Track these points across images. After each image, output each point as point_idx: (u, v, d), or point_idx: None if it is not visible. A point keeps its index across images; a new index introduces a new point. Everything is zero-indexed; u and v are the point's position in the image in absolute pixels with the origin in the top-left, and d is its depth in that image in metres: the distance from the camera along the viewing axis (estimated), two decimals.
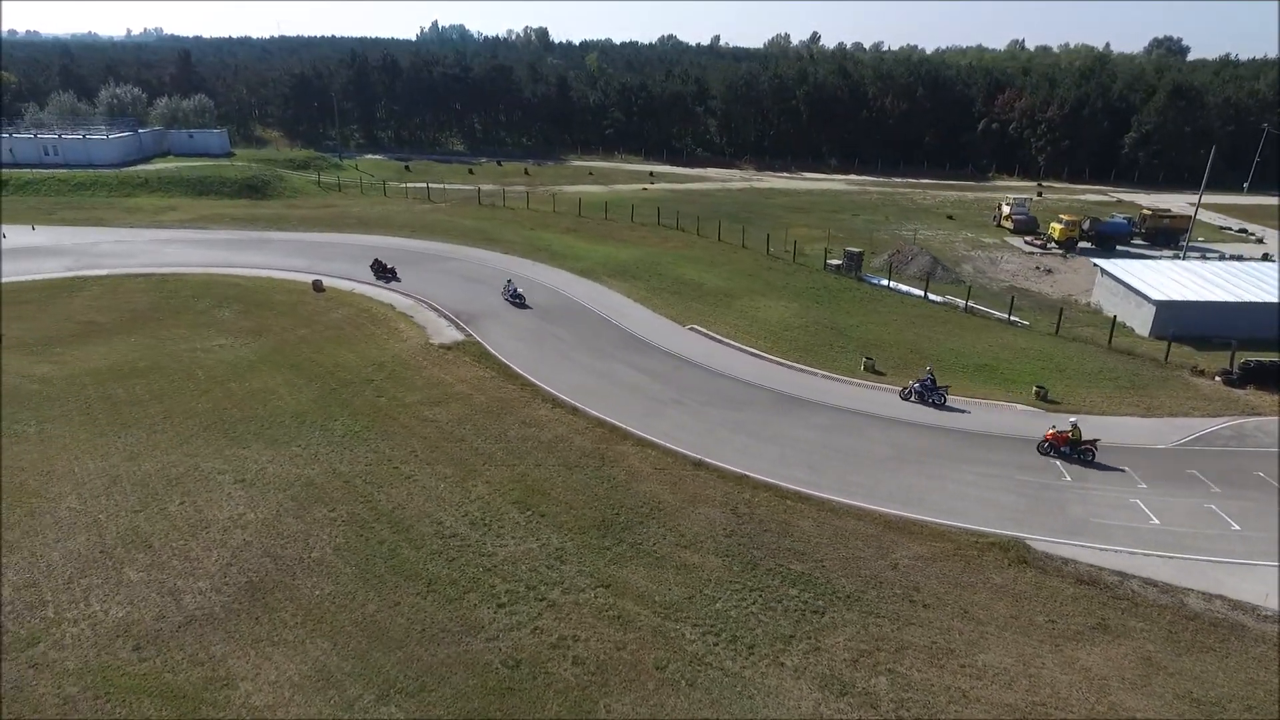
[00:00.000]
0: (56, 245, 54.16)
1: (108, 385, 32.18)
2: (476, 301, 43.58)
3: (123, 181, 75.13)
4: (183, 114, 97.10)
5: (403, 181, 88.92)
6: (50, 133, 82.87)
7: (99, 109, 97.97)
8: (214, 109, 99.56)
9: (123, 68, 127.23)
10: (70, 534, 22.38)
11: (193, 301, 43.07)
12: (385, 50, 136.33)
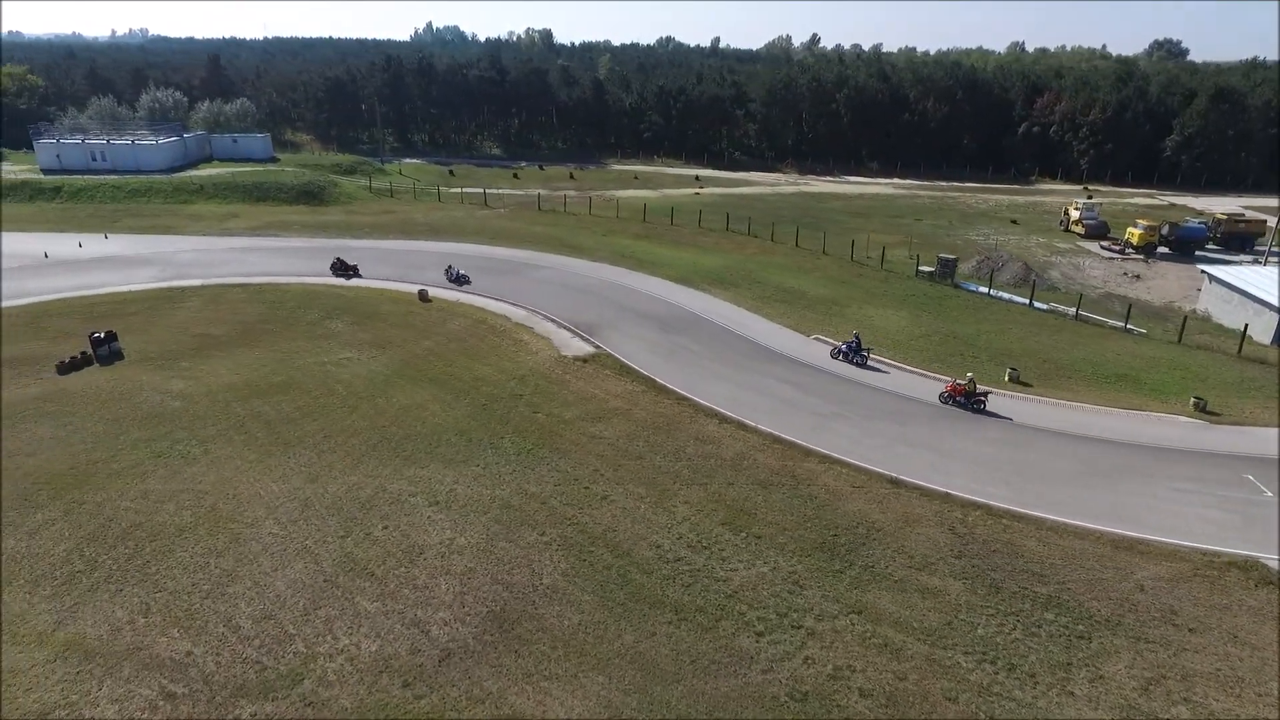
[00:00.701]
0: (137, 254, 53.25)
1: (251, 402, 31.40)
2: (587, 311, 42.96)
3: (177, 188, 74.13)
4: (225, 118, 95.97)
5: (449, 186, 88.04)
6: (98, 138, 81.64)
7: (139, 113, 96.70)
8: (255, 113, 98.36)
9: (151, 70, 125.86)
10: (285, 561, 21.68)
11: (300, 312, 42.26)
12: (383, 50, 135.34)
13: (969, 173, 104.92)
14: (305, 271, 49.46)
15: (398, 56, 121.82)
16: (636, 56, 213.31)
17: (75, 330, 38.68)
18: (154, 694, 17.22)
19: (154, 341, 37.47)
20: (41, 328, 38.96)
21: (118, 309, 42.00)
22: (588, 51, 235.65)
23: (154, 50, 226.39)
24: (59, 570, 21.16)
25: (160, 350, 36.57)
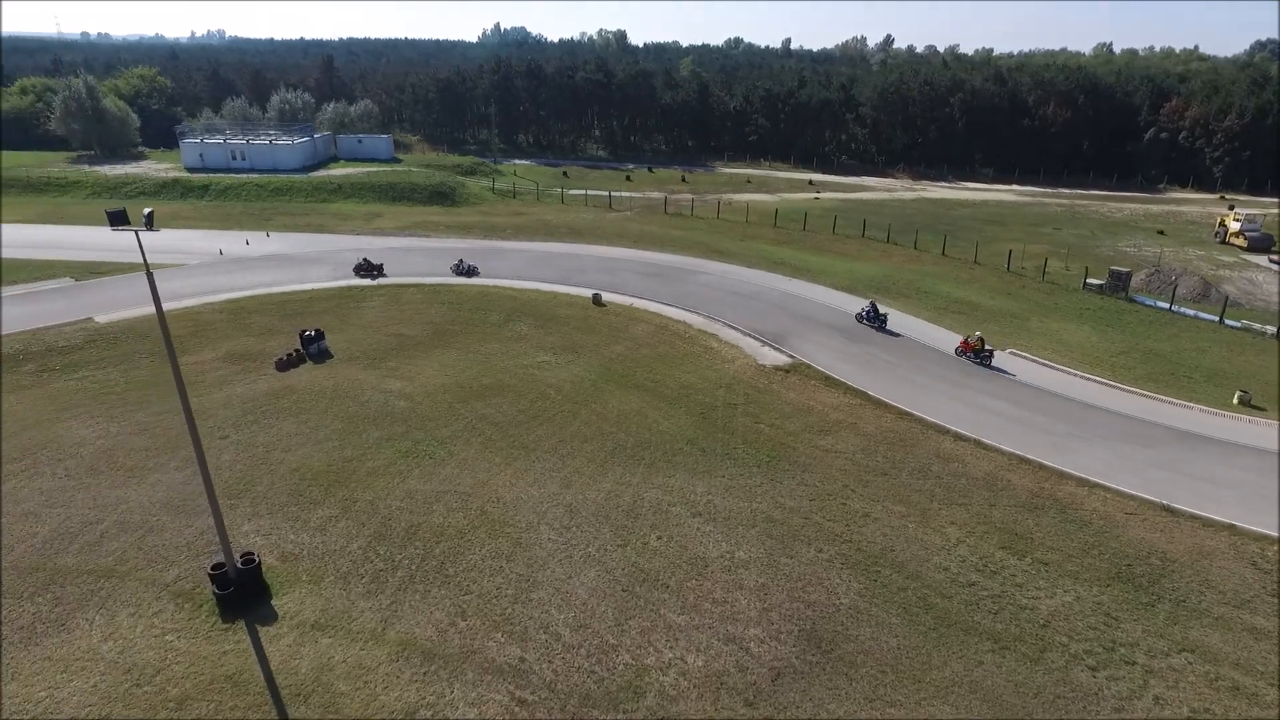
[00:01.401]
0: (303, 252, 54.74)
1: (471, 404, 31.81)
2: (764, 319, 42.55)
3: (316, 187, 76.25)
4: (348, 119, 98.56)
5: (565, 188, 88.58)
6: (238, 138, 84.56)
7: (269, 114, 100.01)
8: (378, 114, 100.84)
9: (269, 72, 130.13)
10: (576, 569, 21.76)
11: (480, 314, 42.81)
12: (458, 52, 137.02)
13: (1092, 180, 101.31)
14: None
15: (507, 59, 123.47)
16: (715, 58, 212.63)
17: (276, 327, 39.92)
18: (506, 699, 17.37)
19: (354, 340, 38.31)
20: (245, 324, 40.24)
21: (306, 306, 43.16)
22: (663, 53, 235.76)
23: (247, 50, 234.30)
24: (363, 568, 21.60)
25: (364, 349, 37.37)
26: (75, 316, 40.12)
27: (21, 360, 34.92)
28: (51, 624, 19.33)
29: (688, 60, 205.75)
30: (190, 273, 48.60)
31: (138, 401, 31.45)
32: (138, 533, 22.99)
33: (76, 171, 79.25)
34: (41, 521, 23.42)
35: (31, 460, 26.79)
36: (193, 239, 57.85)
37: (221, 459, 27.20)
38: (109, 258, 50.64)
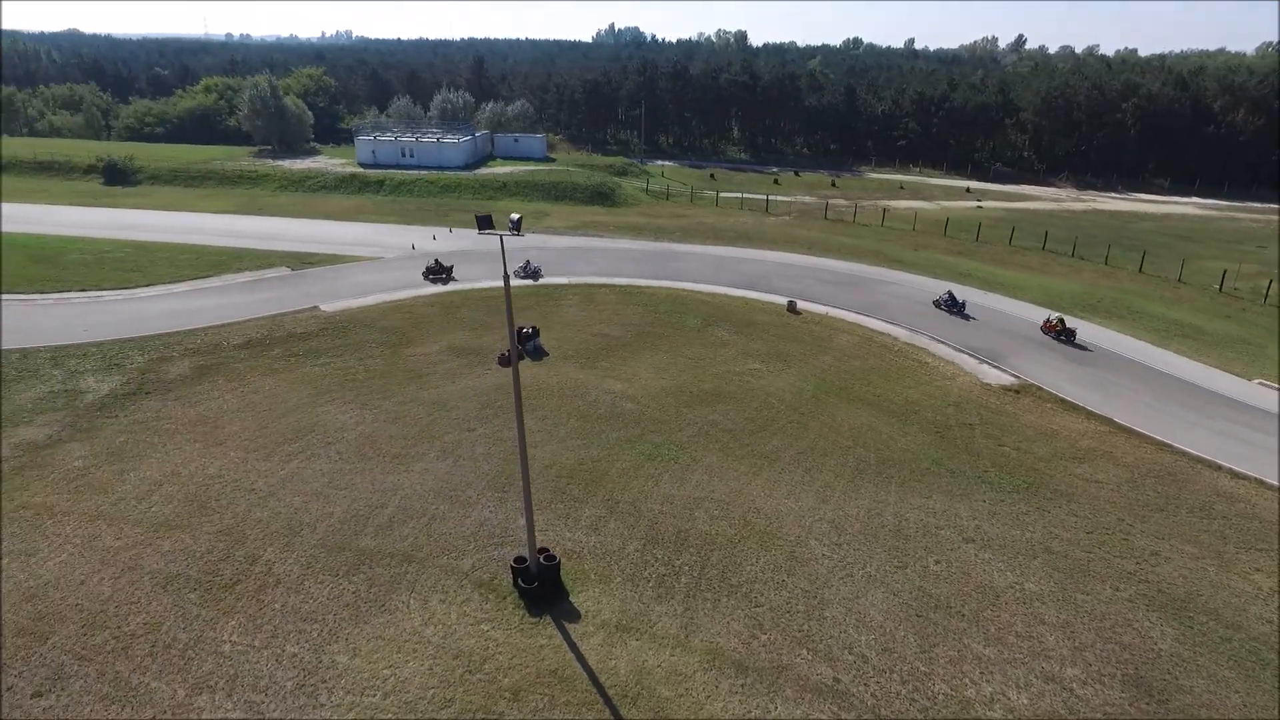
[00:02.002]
0: (488, 250, 56.30)
1: (696, 409, 31.83)
2: (972, 335, 40.94)
3: (483, 184, 78.71)
4: (505, 119, 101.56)
5: (714, 190, 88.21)
6: (408, 136, 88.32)
7: (431, 113, 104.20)
8: (533, 114, 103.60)
9: (424, 71, 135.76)
10: (860, 588, 21.32)
11: (676, 317, 42.93)
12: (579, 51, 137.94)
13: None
14: (647, 274, 50.52)
15: (653, 60, 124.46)
16: (840, 59, 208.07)
17: (485, 322, 41.17)
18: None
19: (563, 339, 39.05)
20: (456, 318, 41.69)
21: (494, 303, 44.20)
22: (783, 53, 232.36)
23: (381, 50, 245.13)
24: (645, 571, 21.81)
25: (574, 349, 38.05)
26: (302, 305, 42.54)
27: (268, 344, 37.25)
28: (372, 604, 20.31)
29: (815, 61, 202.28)
30: (390, 266, 50.83)
31: (380, 390, 32.96)
32: (421, 519, 23.96)
33: (265, 165, 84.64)
34: (332, 502, 24.76)
35: (305, 442, 28.42)
36: (381, 233, 60.66)
37: (475, 451, 28.18)
38: (309, 249, 53.77)
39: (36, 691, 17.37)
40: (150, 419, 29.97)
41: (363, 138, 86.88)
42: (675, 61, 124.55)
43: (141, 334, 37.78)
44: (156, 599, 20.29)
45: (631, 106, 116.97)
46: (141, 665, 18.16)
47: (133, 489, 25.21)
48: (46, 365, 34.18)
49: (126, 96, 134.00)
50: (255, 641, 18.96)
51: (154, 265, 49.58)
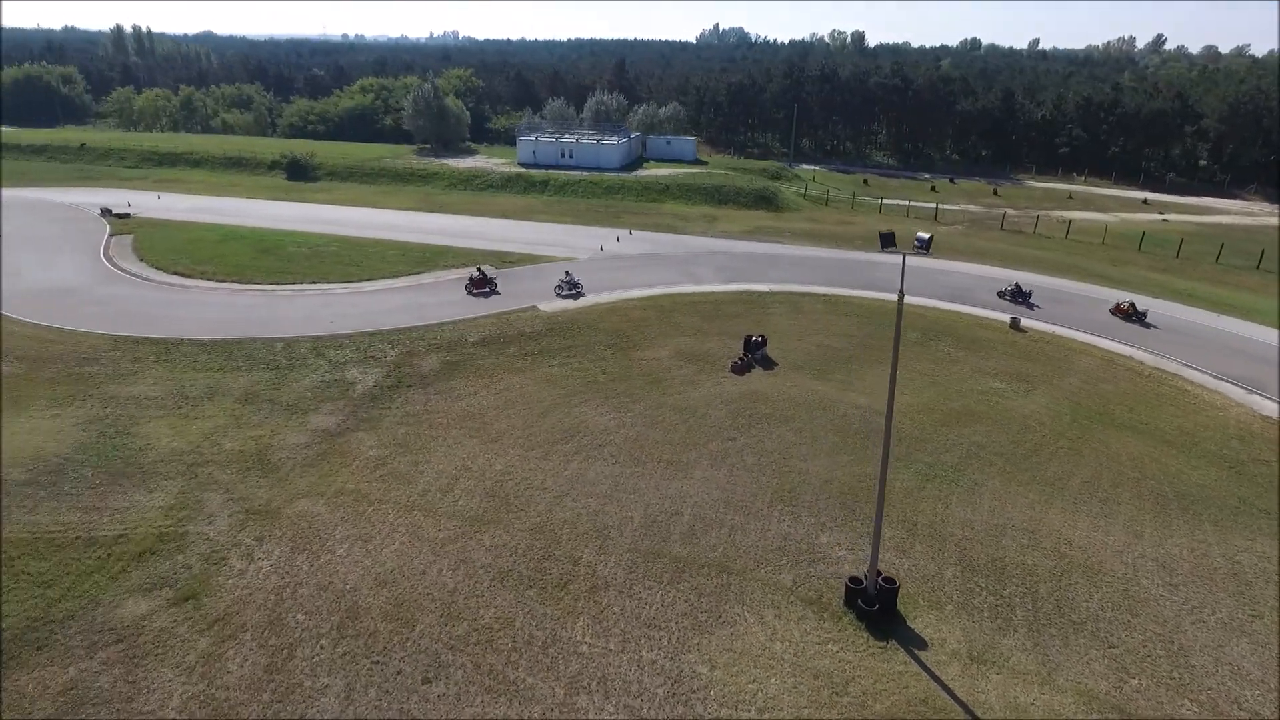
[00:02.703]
0: (674, 253, 56.55)
1: (954, 428, 30.91)
2: (1229, 362, 38.30)
3: (645, 186, 79.26)
4: (656, 121, 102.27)
5: (869, 197, 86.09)
6: (569, 137, 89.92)
7: (585, 115, 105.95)
8: (684, 117, 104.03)
9: (570, 74, 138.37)
10: (1218, 636, 19.97)
11: (892, 329, 41.71)
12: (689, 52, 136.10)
13: None
14: (844, 283, 49.56)
15: (799, 63, 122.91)
16: (966, 60, 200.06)
17: (702, 327, 41.17)
18: None
19: (785, 349, 38.58)
20: (674, 323, 41.84)
21: (717, 309, 44.23)
22: (900, 54, 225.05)
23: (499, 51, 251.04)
24: (973, 600, 21.11)
25: (800, 358, 37.57)
26: (520, 304, 43.55)
27: (503, 342, 38.28)
28: (709, 615, 20.34)
29: (946, 63, 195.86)
30: (588, 268, 51.55)
31: (625, 393, 33.28)
32: (721, 530, 23.93)
33: (433, 164, 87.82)
34: (626, 506, 25.04)
35: (576, 443, 28.93)
36: (562, 233, 61.80)
37: (746, 461, 28.04)
38: (502, 248, 55.21)
39: (425, 678, 18.07)
40: (420, 412, 31.15)
41: (524, 138, 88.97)
42: (824, 65, 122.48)
43: (382, 328, 39.42)
44: (498, 593, 20.88)
45: (774, 109, 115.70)
46: (510, 660, 18.66)
47: (433, 481, 26.17)
48: (310, 355, 36.08)
49: (287, 96, 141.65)
50: (610, 644, 19.24)
51: (368, 260, 51.88)
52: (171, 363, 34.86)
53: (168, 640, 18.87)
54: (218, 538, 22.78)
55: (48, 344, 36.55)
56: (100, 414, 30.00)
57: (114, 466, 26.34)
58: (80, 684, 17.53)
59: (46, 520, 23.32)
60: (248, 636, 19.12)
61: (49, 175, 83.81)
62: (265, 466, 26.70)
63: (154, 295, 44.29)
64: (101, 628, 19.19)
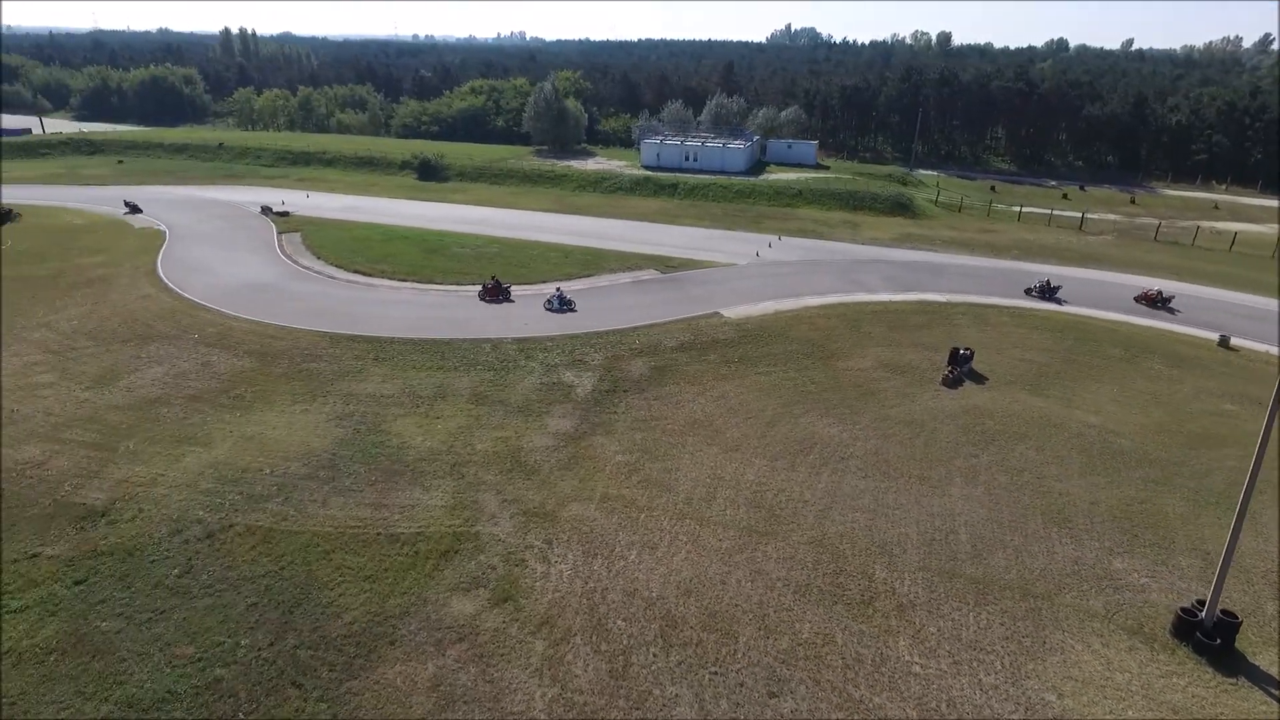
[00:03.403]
0: (834, 260, 55.88)
1: (1202, 452, 29.80)
2: None
3: (777, 191, 78.70)
4: (777, 124, 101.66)
5: (993, 202, 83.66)
6: (694, 140, 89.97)
7: (704, 118, 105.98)
8: (806, 120, 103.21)
9: (675, 76, 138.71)
10: None
11: (1091, 345, 40.66)
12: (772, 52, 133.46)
13: None
14: (1011, 293, 48.32)
15: (918, 66, 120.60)
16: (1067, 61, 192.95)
17: (892, 338, 40.55)
18: None
19: (989, 362, 37.62)
20: (863, 332, 41.30)
21: (902, 319, 43.48)
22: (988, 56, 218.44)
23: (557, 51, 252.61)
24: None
25: (1008, 373, 36.65)
26: (701, 310, 43.56)
27: (700, 348, 38.31)
28: (1033, 640, 19.85)
29: (1047, 64, 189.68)
30: (754, 273, 51.37)
31: (842, 404, 32.90)
32: (1006, 550, 23.41)
33: (560, 165, 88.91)
34: (896, 522, 24.69)
35: (819, 455, 28.72)
36: (706, 237, 61.68)
37: (998, 479, 27.41)
38: (658, 251, 55.34)
39: (770, 692, 18.05)
40: (647, 418, 31.34)
41: (648, 141, 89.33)
42: (944, 68, 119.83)
43: (575, 330, 39.87)
44: (806, 608, 20.77)
45: (890, 113, 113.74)
46: (847, 678, 18.52)
47: (692, 489, 26.27)
48: (519, 357, 36.72)
49: (396, 96, 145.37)
50: (941, 665, 18.94)
51: (532, 262, 52.66)
52: (390, 361, 35.87)
53: (505, 640, 19.30)
54: (508, 539, 23.25)
55: (268, 340, 38.01)
56: (345, 410, 31.02)
57: (381, 464, 27.16)
58: (444, 681, 18.03)
59: (341, 515, 24.16)
60: (578, 640, 19.42)
61: (195, 173, 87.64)
62: (524, 468, 27.19)
63: (344, 293, 45.71)
64: (439, 625, 19.73)
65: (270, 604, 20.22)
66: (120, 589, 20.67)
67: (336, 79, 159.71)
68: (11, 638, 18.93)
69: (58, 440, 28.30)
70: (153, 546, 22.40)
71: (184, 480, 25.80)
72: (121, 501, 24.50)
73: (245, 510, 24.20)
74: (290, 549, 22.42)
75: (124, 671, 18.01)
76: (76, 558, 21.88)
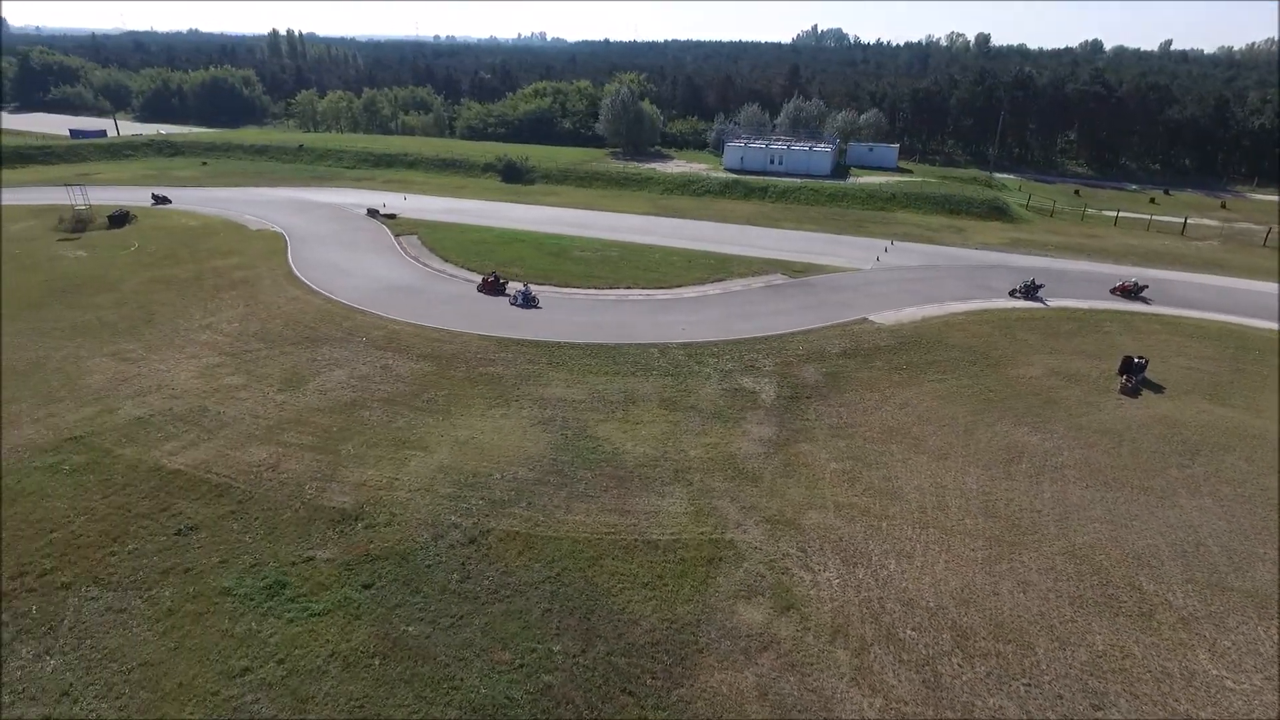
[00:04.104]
0: (949, 264, 55.51)
1: None
2: None
3: (870, 195, 78.43)
4: (857, 127, 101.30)
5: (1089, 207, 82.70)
6: (779, 143, 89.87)
7: (781, 120, 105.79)
8: (885, 123, 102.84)
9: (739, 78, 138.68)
10: None
11: (1252, 353, 39.96)
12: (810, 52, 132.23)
13: None
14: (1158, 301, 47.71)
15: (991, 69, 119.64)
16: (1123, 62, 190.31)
17: (1048, 345, 40.19)
18: None
19: (1154, 371, 37.22)
20: (1019, 339, 41.03)
21: (1050, 326, 43.10)
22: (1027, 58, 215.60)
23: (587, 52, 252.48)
24: None
25: (1182, 382, 36.30)
26: (848, 316, 43.52)
27: (863, 355, 38.26)
28: None
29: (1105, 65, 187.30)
30: (879, 278, 51.23)
31: (1029, 412, 32.74)
32: (1264, 564, 23.18)
33: (645, 168, 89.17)
34: (1141, 534, 24.56)
35: (1030, 463, 28.64)
36: (817, 241, 61.59)
37: (1219, 490, 27.22)
38: (778, 256, 55.28)
39: (1094, 705, 18.04)
40: (840, 425, 31.38)
41: (732, 144, 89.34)
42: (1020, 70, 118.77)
43: (734, 336, 40.00)
44: (1090, 620, 20.78)
45: (961, 115, 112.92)
46: (1164, 692, 18.47)
47: (919, 497, 26.29)
48: (689, 361, 36.91)
49: (456, 98, 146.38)
50: (1254, 681, 18.84)
51: (658, 265, 52.85)
52: (566, 365, 36.17)
53: (805, 650, 19.43)
54: (763, 547, 23.39)
55: (435, 343, 38.48)
56: (543, 415, 31.32)
57: (603, 469, 27.42)
58: (770, 689, 18.19)
59: (590, 521, 24.44)
60: (878, 650, 19.52)
61: (281, 175, 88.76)
62: (746, 475, 27.34)
63: (487, 296, 46.09)
64: (736, 633, 19.91)
65: (563, 610, 20.50)
66: (409, 593, 21.05)
67: (394, 80, 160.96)
68: (329, 640, 19.33)
69: (277, 442, 28.84)
70: (421, 551, 22.78)
71: (418, 484, 26.20)
72: (369, 505, 24.92)
73: (494, 515, 24.54)
74: (556, 555, 22.71)
75: (453, 676, 18.34)
76: (351, 562, 22.30)
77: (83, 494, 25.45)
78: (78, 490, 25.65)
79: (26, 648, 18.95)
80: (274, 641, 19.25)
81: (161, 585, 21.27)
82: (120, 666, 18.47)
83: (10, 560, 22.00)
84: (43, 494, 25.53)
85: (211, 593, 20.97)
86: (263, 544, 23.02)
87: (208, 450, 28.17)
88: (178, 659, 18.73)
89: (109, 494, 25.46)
